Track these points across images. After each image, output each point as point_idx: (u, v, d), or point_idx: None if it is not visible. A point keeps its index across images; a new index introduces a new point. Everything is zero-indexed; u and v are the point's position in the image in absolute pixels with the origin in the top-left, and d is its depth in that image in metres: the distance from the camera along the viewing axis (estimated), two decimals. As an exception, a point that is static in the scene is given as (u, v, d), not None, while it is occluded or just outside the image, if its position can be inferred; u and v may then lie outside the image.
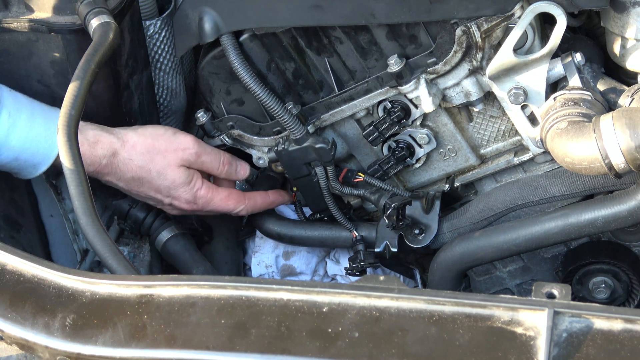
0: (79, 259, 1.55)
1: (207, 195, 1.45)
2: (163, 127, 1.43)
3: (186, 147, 1.41)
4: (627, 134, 1.16)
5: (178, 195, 1.42)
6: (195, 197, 1.43)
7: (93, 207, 1.08)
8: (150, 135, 1.39)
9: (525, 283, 1.58)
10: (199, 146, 1.43)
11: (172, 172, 1.40)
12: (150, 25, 1.43)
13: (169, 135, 1.41)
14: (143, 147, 1.38)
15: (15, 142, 1.26)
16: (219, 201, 1.46)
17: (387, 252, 1.50)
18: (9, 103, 1.25)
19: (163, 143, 1.39)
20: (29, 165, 1.30)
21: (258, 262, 1.68)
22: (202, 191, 1.44)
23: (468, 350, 0.84)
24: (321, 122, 1.47)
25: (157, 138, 1.39)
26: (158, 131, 1.41)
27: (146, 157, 1.38)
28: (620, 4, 1.27)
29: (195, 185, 1.43)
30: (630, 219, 1.28)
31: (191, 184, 1.42)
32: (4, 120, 1.24)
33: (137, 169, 1.37)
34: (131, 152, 1.36)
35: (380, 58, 1.39)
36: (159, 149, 1.39)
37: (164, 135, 1.40)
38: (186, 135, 1.43)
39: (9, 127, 1.24)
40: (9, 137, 1.25)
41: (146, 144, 1.38)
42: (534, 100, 1.37)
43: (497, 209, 1.45)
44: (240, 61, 1.38)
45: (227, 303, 0.91)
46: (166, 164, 1.39)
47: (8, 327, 0.94)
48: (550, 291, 0.88)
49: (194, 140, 1.43)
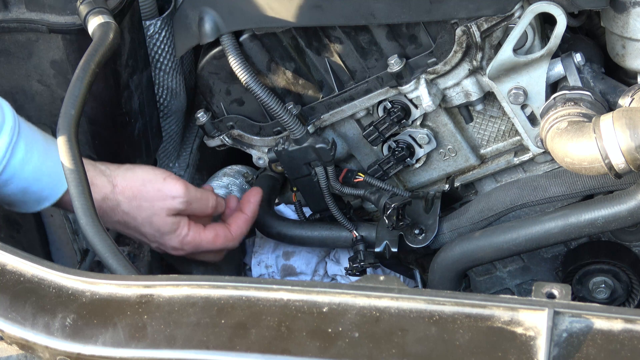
0: (79, 259, 1.55)
1: (194, 240, 1.39)
2: (154, 171, 1.36)
3: (175, 195, 1.35)
4: (627, 134, 1.16)
5: (164, 242, 1.38)
6: (182, 244, 1.38)
7: (93, 207, 1.08)
8: (140, 179, 1.33)
9: (525, 283, 1.58)
10: (188, 194, 1.36)
11: (158, 221, 1.35)
12: (150, 25, 1.43)
13: (159, 181, 1.34)
14: (131, 193, 1.32)
15: (28, 173, 1.22)
16: (207, 243, 1.41)
17: (387, 252, 1.50)
18: (26, 134, 1.22)
19: (152, 190, 1.33)
20: (34, 199, 1.26)
21: (258, 262, 1.68)
22: (189, 237, 1.38)
23: (468, 350, 0.84)
24: (321, 122, 1.47)
25: (145, 184, 1.33)
26: (148, 175, 1.34)
27: (133, 204, 1.33)
28: (620, 4, 1.27)
29: (182, 232, 1.37)
30: (630, 219, 1.28)
31: (177, 231, 1.37)
32: (21, 149, 1.21)
33: (123, 214, 1.33)
34: (119, 197, 1.31)
35: (380, 58, 1.39)
36: (146, 196, 1.33)
37: (153, 181, 1.34)
38: (176, 181, 1.36)
39: (23, 157, 1.21)
40: (24, 168, 1.21)
41: (134, 189, 1.32)
42: (534, 100, 1.37)
43: (497, 209, 1.45)
44: (240, 61, 1.38)
45: (227, 303, 0.91)
46: (152, 212, 1.34)
47: (8, 327, 0.94)
48: (550, 291, 0.88)
49: (184, 187, 1.35)
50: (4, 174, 1.20)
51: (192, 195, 1.37)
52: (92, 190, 1.25)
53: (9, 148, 1.19)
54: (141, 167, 1.36)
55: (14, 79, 1.38)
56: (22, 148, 1.20)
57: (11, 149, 1.19)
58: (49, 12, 1.31)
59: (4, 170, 1.19)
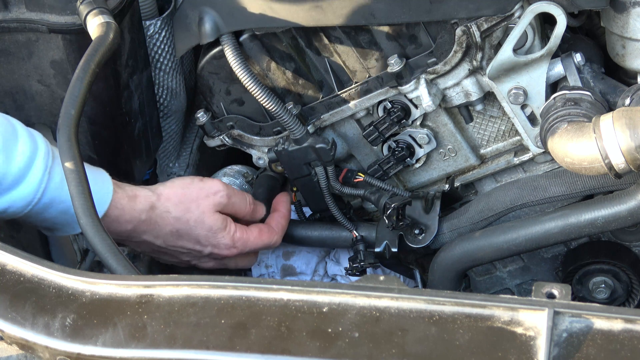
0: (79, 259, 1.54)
1: (243, 236, 1.41)
2: (189, 177, 1.41)
3: (217, 190, 1.38)
4: (627, 134, 1.16)
5: (217, 242, 1.39)
6: (234, 241, 1.40)
7: (93, 207, 1.08)
8: (179, 186, 1.37)
9: (525, 283, 1.58)
10: (228, 188, 1.41)
11: (208, 219, 1.37)
12: (150, 25, 1.43)
13: (197, 182, 1.39)
14: (177, 198, 1.35)
15: (67, 195, 1.19)
16: (255, 239, 1.43)
17: (387, 252, 1.50)
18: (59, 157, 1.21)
19: (194, 190, 1.37)
20: (75, 220, 1.23)
21: (258, 262, 1.68)
22: (238, 233, 1.41)
23: (468, 350, 0.84)
24: (321, 122, 1.47)
25: (187, 187, 1.37)
26: (186, 180, 1.39)
27: (181, 208, 1.35)
28: (620, 4, 1.27)
29: (231, 229, 1.40)
30: (630, 219, 1.28)
31: (227, 228, 1.39)
32: (58, 172, 1.20)
33: (175, 221, 1.34)
34: (167, 204, 1.33)
35: (380, 58, 1.39)
36: (191, 197, 1.36)
37: (192, 183, 1.38)
38: (213, 179, 1.41)
39: (62, 179, 1.19)
40: (62, 190, 1.20)
41: (178, 194, 1.35)
42: (534, 100, 1.37)
43: (497, 209, 1.45)
44: (240, 61, 1.38)
45: (227, 303, 0.91)
46: (201, 211, 1.36)
47: (8, 327, 0.94)
48: (550, 291, 0.88)
49: (222, 183, 1.40)
50: (44, 198, 1.20)
51: (231, 190, 1.41)
52: (140, 201, 1.30)
53: (45, 172, 1.19)
54: (177, 177, 1.41)
55: (14, 79, 1.37)
56: (58, 171, 1.20)
57: (48, 172, 1.19)
58: (49, 12, 1.31)
59: (44, 194, 1.20)
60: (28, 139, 1.20)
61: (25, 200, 1.19)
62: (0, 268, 0.98)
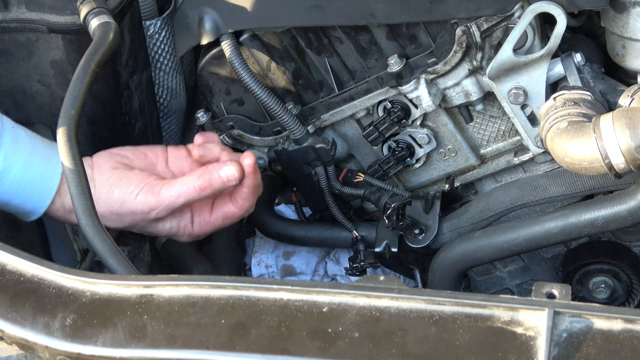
0: (79, 259, 1.54)
1: (201, 230, 1.36)
2: (128, 186, 1.28)
3: (146, 210, 1.28)
4: (627, 134, 1.16)
5: (179, 237, 1.37)
6: (194, 237, 1.37)
7: (93, 207, 1.08)
8: (118, 202, 1.28)
9: (525, 283, 1.58)
10: (160, 202, 1.28)
11: (154, 228, 1.32)
12: (150, 25, 1.43)
13: (131, 201, 1.28)
14: (116, 216, 1.28)
15: (7, 186, 1.19)
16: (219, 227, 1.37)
17: (387, 252, 1.50)
18: (7, 142, 1.18)
19: (127, 212, 1.28)
20: (18, 213, 1.23)
21: (258, 262, 1.68)
22: (196, 231, 1.36)
23: (468, 350, 0.84)
24: (321, 122, 1.47)
25: (122, 206, 1.28)
26: (122, 194, 1.27)
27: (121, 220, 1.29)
28: (620, 4, 1.27)
29: (186, 231, 1.35)
30: (630, 219, 1.28)
31: (180, 232, 1.34)
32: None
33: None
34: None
35: (380, 58, 1.39)
36: (126, 217, 1.29)
37: (126, 201, 1.27)
38: (146, 194, 1.28)
39: (2, 170, 1.17)
40: (1, 181, 1.17)
41: (115, 210, 1.28)
42: (534, 100, 1.37)
43: (497, 209, 1.45)
44: (240, 61, 1.38)
45: (227, 303, 0.90)
46: (143, 225, 1.31)
47: (8, 327, 0.94)
48: (550, 291, 0.88)
49: (154, 198, 1.28)
50: None
51: (165, 199, 1.27)
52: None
53: None
54: (119, 183, 1.27)
55: (14, 79, 1.37)
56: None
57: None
58: (49, 12, 1.31)
59: None
60: None
61: None
62: (0, 268, 0.98)
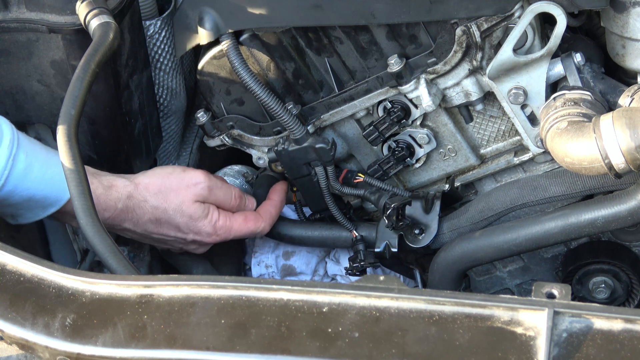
0: (79, 259, 1.55)
1: (225, 224, 1.43)
2: (171, 166, 1.43)
3: (197, 181, 1.40)
4: (627, 134, 1.16)
5: (198, 230, 1.41)
6: (216, 229, 1.42)
7: (93, 207, 1.08)
8: (160, 175, 1.38)
9: (525, 283, 1.58)
10: (210, 180, 1.42)
11: (187, 208, 1.39)
12: (150, 25, 1.43)
13: (179, 172, 1.40)
14: (155, 187, 1.36)
15: (31, 182, 1.23)
16: (239, 226, 1.45)
17: (387, 252, 1.50)
18: (25, 144, 1.23)
19: (174, 180, 1.38)
20: (40, 206, 1.27)
21: (258, 262, 1.68)
22: (221, 222, 1.43)
23: (468, 350, 0.84)
24: (321, 122, 1.47)
25: (167, 177, 1.38)
26: (167, 170, 1.40)
27: (160, 197, 1.37)
28: (620, 4, 1.27)
29: (213, 217, 1.42)
30: (630, 219, 1.28)
31: (208, 216, 1.41)
32: (21, 160, 1.21)
33: (153, 209, 1.36)
34: (144, 193, 1.35)
35: (380, 58, 1.39)
36: (170, 187, 1.38)
37: (173, 173, 1.39)
38: (196, 170, 1.42)
39: (26, 167, 1.22)
40: (26, 178, 1.22)
41: (157, 184, 1.37)
42: (534, 100, 1.37)
43: (497, 209, 1.45)
44: (240, 61, 1.38)
45: (227, 303, 0.91)
46: (180, 201, 1.38)
47: (8, 327, 0.94)
48: (550, 291, 0.88)
49: (204, 174, 1.41)
50: (7, 186, 1.21)
51: (214, 182, 1.42)
52: (115, 190, 1.31)
53: (9, 160, 1.20)
54: (158, 166, 1.42)
55: (14, 79, 1.37)
56: (22, 159, 1.21)
57: (12, 160, 1.20)
58: (49, 12, 1.31)
59: (6, 182, 1.20)
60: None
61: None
62: (0, 268, 0.98)
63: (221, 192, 1.43)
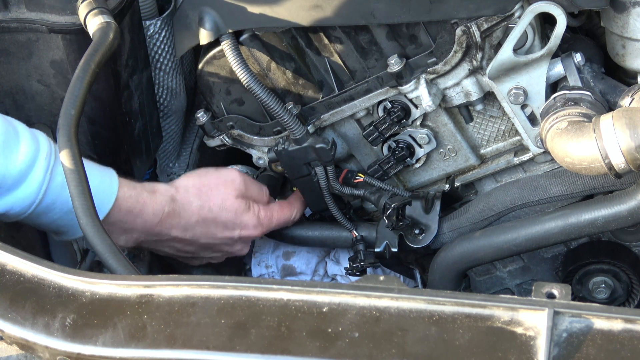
0: (79, 259, 1.54)
1: (267, 214, 1.47)
2: (204, 168, 1.46)
3: (234, 178, 1.43)
4: (627, 134, 1.16)
5: (245, 223, 1.43)
6: (260, 219, 1.45)
7: (93, 207, 1.08)
8: (196, 175, 1.41)
9: (525, 283, 1.58)
10: (244, 177, 1.45)
11: (231, 204, 1.41)
12: (150, 25, 1.43)
13: (213, 171, 1.43)
14: (195, 188, 1.38)
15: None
16: (278, 214, 1.49)
17: (387, 252, 1.50)
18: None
19: (212, 179, 1.41)
20: None
21: (258, 262, 1.68)
22: (262, 212, 1.46)
23: (468, 350, 0.84)
24: (321, 122, 1.47)
25: (204, 176, 1.41)
26: (200, 171, 1.44)
27: (202, 197, 1.39)
28: (620, 4, 1.27)
29: (255, 209, 1.45)
30: (630, 219, 1.28)
31: (251, 209, 1.44)
32: (60, 172, 1.20)
33: (198, 209, 1.38)
34: (186, 195, 1.37)
35: (380, 58, 1.39)
36: (210, 185, 1.40)
37: (208, 172, 1.43)
38: (228, 169, 1.46)
39: (63, 180, 1.17)
40: (65, 191, 1.17)
41: (197, 184, 1.39)
42: (534, 100, 1.37)
43: (497, 209, 1.45)
44: (240, 61, 1.38)
45: (227, 303, 0.91)
46: (223, 197, 1.40)
47: (8, 327, 0.94)
48: (550, 291, 0.88)
49: (238, 172, 1.45)
50: (46, 199, 1.20)
51: (246, 177, 1.46)
52: (160, 194, 1.33)
53: (47, 173, 1.20)
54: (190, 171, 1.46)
55: (14, 79, 1.37)
56: (60, 172, 1.20)
57: (50, 173, 1.20)
58: (49, 12, 1.31)
59: (45, 195, 1.20)
60: (30, 139, 1.20)
61: (26, 202, 1.19)
62: (0, 268, 0.98)
63: (254, 187, 1.47)
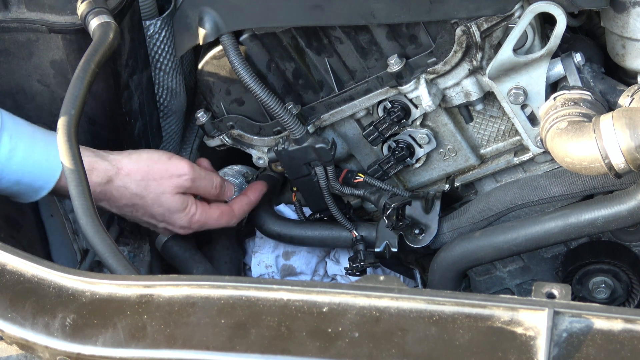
0: (79, 259, 1.54)
1: (201, 219, 1.43)
2: (158, 152, 1.39)
3: (182, 173, 1.39)
4: (627, 134, 1.16)
5: (173, 221, 1.41)
6: (190, 222, 1.42)
7: (93, 207, 1.08)
8: (145, 161, 1.36)
9: (525, 283, 1.58)
10: (194, 172, 1.40)
11: (167, 200, 1.38)
12: (150, 25, 1.43)
13: (164, 161, 1.38)
14: (138, 175, 1.35)
15: (17, 165, 1.23)
16: (213, 221, 1.45)
17: (387, 252, 1.50)
18: (9, 126, 1.23)
19: (158, 170, 1.37)
20: (30, 190, 1.27)
21: (258, 262, 1.68)
22: (197, 216, 1.42)
23: (468, 350, 0.84)
24: (321, 122, 1.47)
25: (152, 164, 1.37)
26: (153, 156, 1.38)
27: (141, 185, 1.35)
28: (620, 4, 1.27)
29: (190, 211, 1.41)
30: (630, 219, 1.28)
31: (186, 210, 1.41)
32: (5, 142, 1.21)
33: (132, 196, 1.35)
34: (126, 179, 1.34)
35: (380, 58, 1.39)
36: (154, 176, 1.36)
37: (159, 161, 1.37)
38: (181, 160, 1.40)
39: (10, 150, 1.21)
40: (11, 161, 1.22)
41: (141, 171, 1.35)
42: (534, 100, 1.37)
43: (497, 209, 1.45)
44: (240, 61, 1.38)
45: (227, 303, 0.91)
46: (161, 191, 1.37)
47: (8, 327, 0.94)
48: (550, 291, 0.88)
49: (189, 166, 1.40)
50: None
51: (197, 173, 1.41)
52: (96, 174, 1.30)
53: None
54: (145, 150, 1.40)
55: (14, 79, 1.38)
56: (6, 142, 1.21)
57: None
58: (49, 12, 1.31)
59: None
60: None
61: None
62: (0, 268, 0.98)
63: (203, 182, 1.42)
